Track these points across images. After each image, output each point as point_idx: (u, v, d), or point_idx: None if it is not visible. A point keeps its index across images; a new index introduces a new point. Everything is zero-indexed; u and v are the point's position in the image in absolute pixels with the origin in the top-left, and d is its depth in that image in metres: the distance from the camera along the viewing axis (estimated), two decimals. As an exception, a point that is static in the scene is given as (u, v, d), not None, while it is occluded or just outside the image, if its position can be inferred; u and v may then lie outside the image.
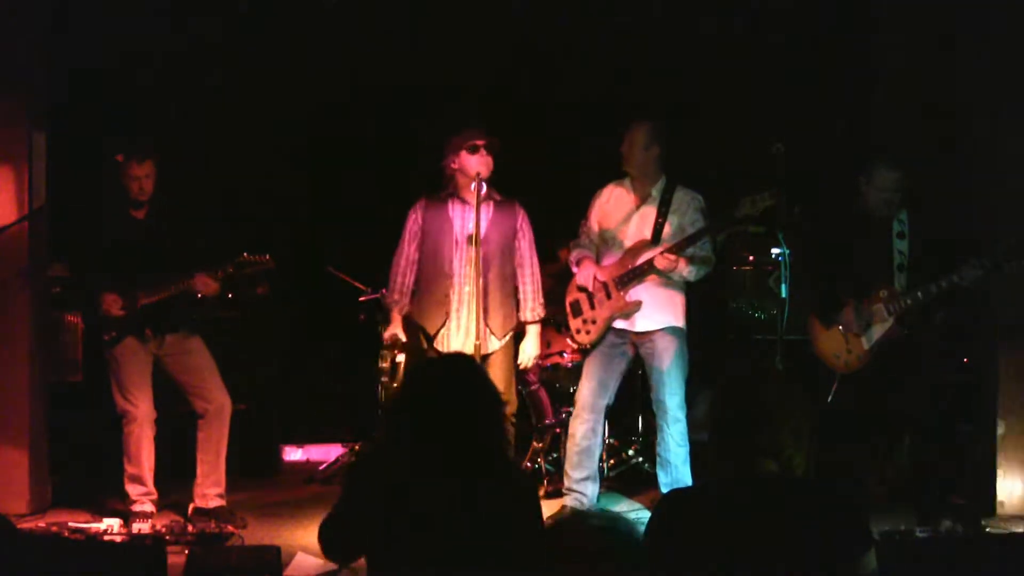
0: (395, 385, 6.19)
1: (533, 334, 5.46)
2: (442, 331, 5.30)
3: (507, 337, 5.35)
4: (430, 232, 5.35)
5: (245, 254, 5.18)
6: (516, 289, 5.41)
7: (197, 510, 5.32)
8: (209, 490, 5.32)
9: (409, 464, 2.67)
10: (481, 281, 5.12)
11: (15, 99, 5.48)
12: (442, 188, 5.37)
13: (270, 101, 6.87)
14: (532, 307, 5.43)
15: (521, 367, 5.48)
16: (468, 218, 5.27)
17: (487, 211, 5.29)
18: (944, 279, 4.71)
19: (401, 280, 5.44)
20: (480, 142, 5.24)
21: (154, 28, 6.38)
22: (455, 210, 5.33)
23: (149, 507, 5.26)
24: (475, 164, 5.22)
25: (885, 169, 4.94)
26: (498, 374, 5.15)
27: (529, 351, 5.45)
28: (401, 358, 6.11)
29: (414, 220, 5.40)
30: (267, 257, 5.22)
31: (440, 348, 5.28)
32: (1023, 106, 5.33)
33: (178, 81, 6.62)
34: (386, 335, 5.52)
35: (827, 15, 6.53)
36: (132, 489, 5.25)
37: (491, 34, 6.81)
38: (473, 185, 5.15)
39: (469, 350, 5.05)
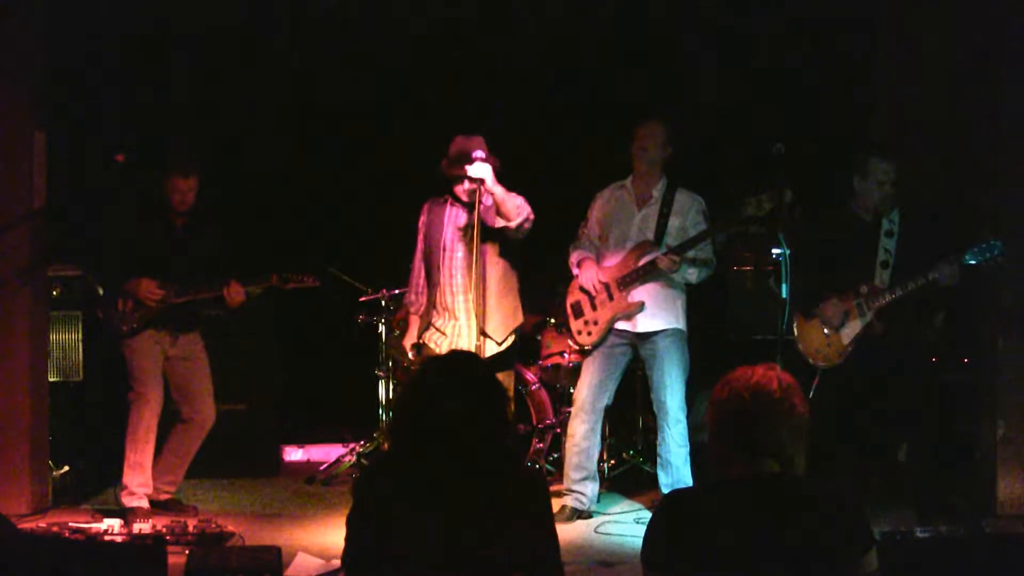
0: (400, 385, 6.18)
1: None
2: (427, 336, 5.26)
3: (507, 342, 5.23)
4: (428, 235, 5.29)
5: (290, 275, 5.39)
6: (514, 286, 5.27)
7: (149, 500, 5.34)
8: (163, 485, 5.40)
9: (413, 465, 2.66)
10: (474, 288, 5.03)
11: (15, 98, 5.47)
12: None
13: (270, 100, 6.87)
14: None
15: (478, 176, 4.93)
16: (460, 221, 5.18)
17: (470, 218, 5.12)
18: (921, 277, 4.73)
19: (416, 280, 5.38)
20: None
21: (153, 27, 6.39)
22: (449, 214, 5.23)
23: (144, 502, 5.25)
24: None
25: (879, 160, 4.96)
26: None
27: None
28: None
29: (422, 220, 5.34)
30: (311, 279, 5.46)
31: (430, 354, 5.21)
32: (1023, 106, 5.32)
33: (177, 81, 6.62)
34: (404, 342, 5.44)
35: (828, 16, 6.53)
36: (132, 480, 5.24)
37: (491, 34, 6.80)
38: (467, 184, 5.02)
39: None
